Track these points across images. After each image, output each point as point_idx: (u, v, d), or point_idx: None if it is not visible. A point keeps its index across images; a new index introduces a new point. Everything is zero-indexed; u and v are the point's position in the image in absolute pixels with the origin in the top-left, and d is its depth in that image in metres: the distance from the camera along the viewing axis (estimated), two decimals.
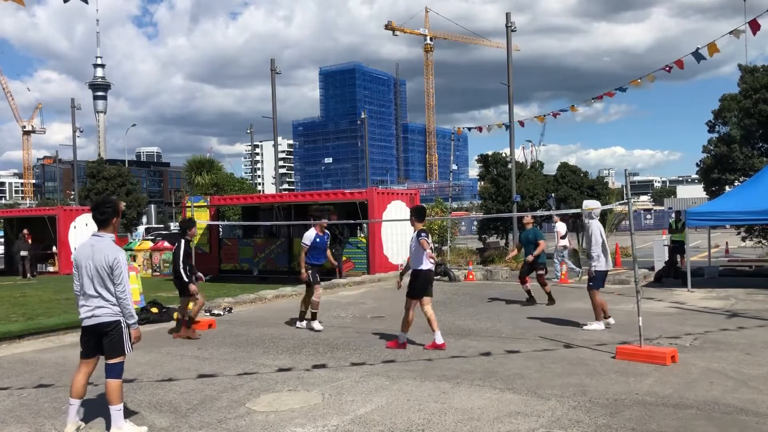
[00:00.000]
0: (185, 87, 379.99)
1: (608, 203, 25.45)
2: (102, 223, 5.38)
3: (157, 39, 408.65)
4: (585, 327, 9.51)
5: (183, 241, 9.83)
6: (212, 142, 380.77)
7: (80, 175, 51.19)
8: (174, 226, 46.79)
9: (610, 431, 5.03)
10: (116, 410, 5.21)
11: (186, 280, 9.69)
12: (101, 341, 5.27)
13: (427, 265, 8.38)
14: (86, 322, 5.27)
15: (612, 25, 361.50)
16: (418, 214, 8.64)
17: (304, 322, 10.38)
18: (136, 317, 5.34)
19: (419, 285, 8.45)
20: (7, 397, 6.56)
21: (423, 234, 8.40)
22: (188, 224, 10.16)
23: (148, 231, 40.61)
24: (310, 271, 10.25)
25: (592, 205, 9.67)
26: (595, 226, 9.42)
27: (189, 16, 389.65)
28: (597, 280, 9.45)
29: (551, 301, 12.29)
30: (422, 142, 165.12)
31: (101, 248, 5.26)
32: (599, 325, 9.45)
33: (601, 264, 9.35)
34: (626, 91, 13.83)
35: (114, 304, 5.21)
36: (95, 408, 5.85)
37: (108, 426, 5.30)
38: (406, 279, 8.78)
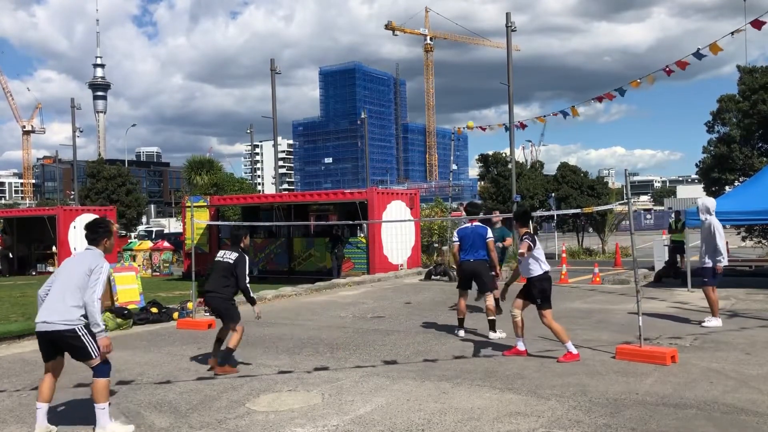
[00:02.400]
0: (185, 87, 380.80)
1: (608, 203, 25.47)
2: (92, 242, 5.50)
3: (156, 39, 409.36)
4: (703, 324, 9.39)
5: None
6: (212, 142, 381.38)
7: (80, 175, 51.16)
8: (176, 227, 46.64)
9: (610, 431, 5.03)
10: (100, 409, 5.21)
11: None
12: (58, 348, 5.24)
13: (539, 269, 7.67)
14: (38, 327, 5.19)
15: (612, 24, 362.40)
16: (519, 219, 8.00)
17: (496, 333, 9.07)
18: (103, 326, 5.18)
19: (541, 292, 7.71)
20: (7, 397, 6.56)
21: (526, 236, 7.65)
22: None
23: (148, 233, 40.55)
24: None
25: (711, 202, 9.90)
26: (717, 222, 9.58)
27: (189, 15, 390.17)
28: (716, 276, 9.53)
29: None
30: (422, 142, 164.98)
31: (88, 255, 5.39)
32: (718, 322, 9.37)
33: (725, 260, 9.53)
34: (625, 95, 13.79)
35: (73, 311, 5.11)
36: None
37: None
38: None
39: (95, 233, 5.50)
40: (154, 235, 35.23)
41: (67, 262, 5.50)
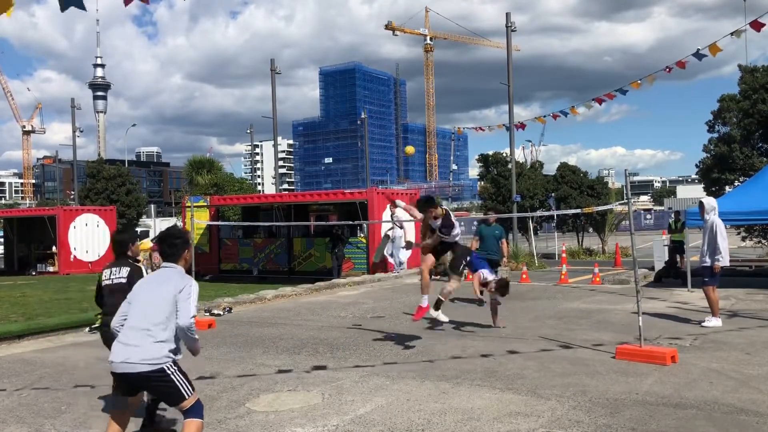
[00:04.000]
0: (185, 87, 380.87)
1: (608, 203, 25.47)
2: (170, 257, 4.58)
3: (156, 38, 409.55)
4: (703, 324, 9.45)
5: None
6: (212, 142, 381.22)
7: (80, 175, 51.16)
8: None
9: (610, 431, 5.03)
10: None
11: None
12: (138, 388, 4.40)
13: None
14: (116, 368, 4.23)
15: (613, 24, 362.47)
16: (424, 205, 8.60)
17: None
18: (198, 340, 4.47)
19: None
20: (7, 397, 6.56)
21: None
22: None
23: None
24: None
25: (714, 202, 10.01)
26: (720, 222, 9.65)
27: (188, 15, 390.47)
28: (716, 276, 9.58)
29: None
30: (422, 142, 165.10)
31: (170, 274, 4.48)
32: (718, 322, 9.43)
33: (726, 260, 9.56)
34: (626, 94, 13.83)
35: (160, 348, 4.22)
36: None
37: None
38: None
39: (173, 247, 4.57)
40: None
41: (144, 285, 4.55)
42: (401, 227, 17.49)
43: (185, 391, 4.27)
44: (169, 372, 4.23)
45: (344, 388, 6.48)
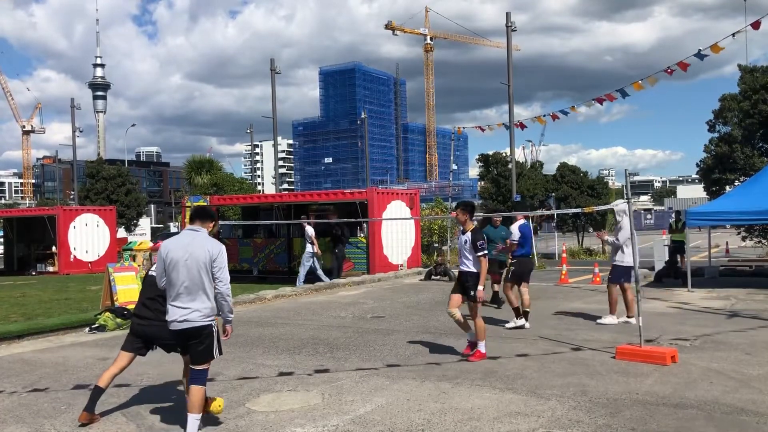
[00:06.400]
0: (184, 86, 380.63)
1: (608, 203, 25.47)
2: (209, 218, 5.16)
3: (156, 38, 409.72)
4: (599, 321, 9.91)
5: None
6: (212, 142, 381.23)
7: (80, 175, 51.19)
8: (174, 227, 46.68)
9: (610, 431, 5.03)
10: (195, 419, 4.92)
11: None
12: (185, 344, 5.04)
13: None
14: (176, 326, 4.91)
15: (613, 24, 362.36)
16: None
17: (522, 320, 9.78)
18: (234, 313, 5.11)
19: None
20: (7, 397, 6.56)
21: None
22: None
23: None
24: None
25: (624, 207, 10.10)
26: (625, 223, 9.80)
27: (188, 14, 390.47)
28: (616, 274, 9.85)
29: (496, 302, 12.14)
30: (422, 142, 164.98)
31: (201, 242, 4.97)
32: (613, 319, 9.80)
33: (622, 259, 9.79)
34: (626, 97, 13.83)
35: (210, 306, 4.94)
36: None
37: None
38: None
39: (211, 211, 5.26)
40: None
41: (178, 250, 4.95)
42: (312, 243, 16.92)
43: (215, 351, 4.98)
44: (213, 329, 4.94)
45: (344, 388, 6.48)
